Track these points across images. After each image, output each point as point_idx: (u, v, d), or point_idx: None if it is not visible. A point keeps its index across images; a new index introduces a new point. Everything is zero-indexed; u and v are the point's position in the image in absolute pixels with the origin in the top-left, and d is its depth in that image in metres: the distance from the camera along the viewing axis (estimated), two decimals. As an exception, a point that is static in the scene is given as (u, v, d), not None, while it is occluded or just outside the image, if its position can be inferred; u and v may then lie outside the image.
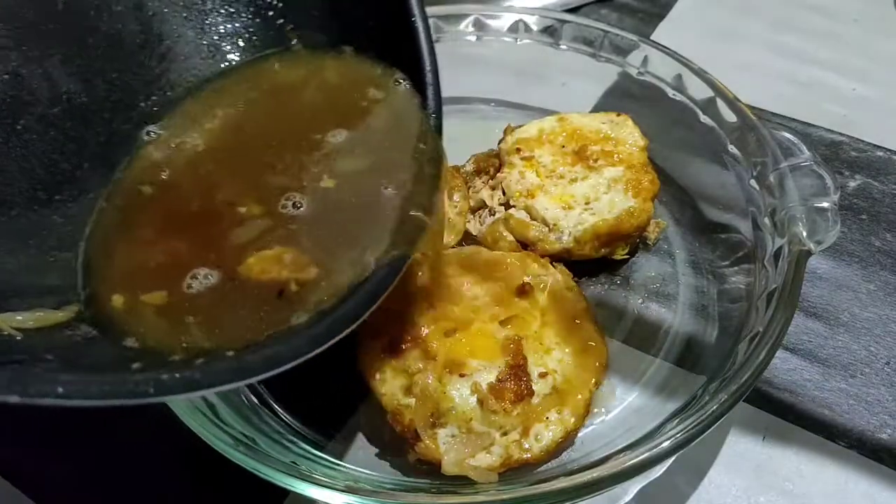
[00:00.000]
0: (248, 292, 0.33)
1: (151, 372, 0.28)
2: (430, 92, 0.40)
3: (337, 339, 0.32)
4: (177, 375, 0.28)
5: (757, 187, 0.49)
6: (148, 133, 0.40)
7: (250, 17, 0.43)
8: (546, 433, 0.42)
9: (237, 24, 0.43)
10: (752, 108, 0.53)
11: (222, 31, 0.43)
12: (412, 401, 0.42)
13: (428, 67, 0.40)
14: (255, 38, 0.43)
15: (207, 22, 0.43)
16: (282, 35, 0.44)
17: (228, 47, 0.43)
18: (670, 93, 0.57)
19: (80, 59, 0.37)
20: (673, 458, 0.38)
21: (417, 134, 0.39)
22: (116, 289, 0.33)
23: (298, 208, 0.37)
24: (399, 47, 0.41)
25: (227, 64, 0.43)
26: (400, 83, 0.41)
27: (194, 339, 0.32)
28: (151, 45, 0.41)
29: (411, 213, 0.36)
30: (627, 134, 0.56)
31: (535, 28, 0.62)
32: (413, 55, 0.40)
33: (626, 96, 0.62)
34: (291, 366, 0.30)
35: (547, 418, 0.42)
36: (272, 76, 0.43)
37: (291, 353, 0.30)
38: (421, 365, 0.43)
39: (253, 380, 0.30)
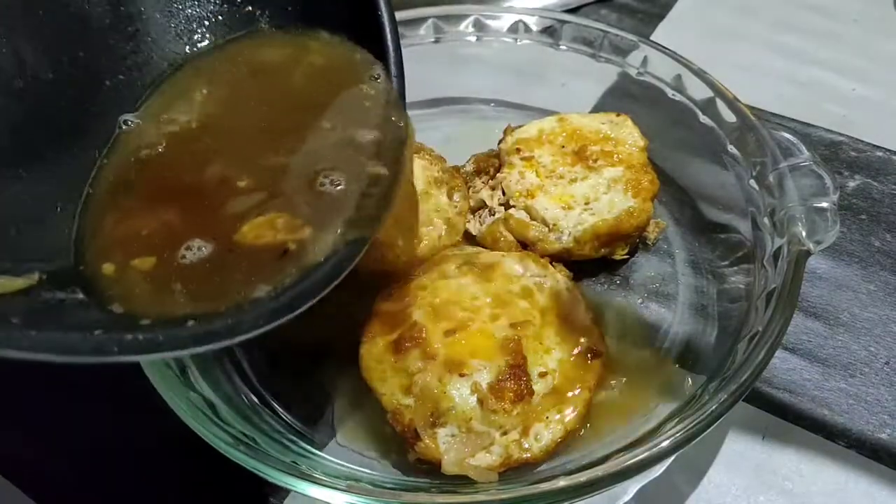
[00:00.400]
0: (244, 259, 0.34)
1: (116, 332, 0.29)
2: (395, 84, 0.41)
3: (297, 312, 0.33)
4: (140, 337, 0.29)
5: (756, 187, 0.49)
6: (126, 122, 0.40)
7: (219, 2, 0.44)
8: (546, 433, 0.42)
9: (206, 10, 0.44)
10: (752, 108, 0.53)
11: (190, 13, 0.44)
12: (412, 401, 0.42)
13: (393, 60, 0.41)
14: (225, 23, 0.44)
15: (177, 5, 0.43)
16: (252, 20, 0.45)
17: (198, 32, 0.44)
18: (670, 93, 0.57)
19: (47, 37, 0.38)
20: (672, 458, 0.38)
21: (388, 123, 0.40)
22: (108, 258, 0.34)
23: (287, 180, 0.38)
24: (366, 39, 0.42)
25: (196, 48, 0.44)
26: (376, 79, 0.42)
27: (176, 305, 0.33)
28: (120, 26, 0.41)
29: (374, 196, 0.37)
30: (627, 134, 0.56)
31: (534, 28, 0.63)
32: (380, 48, 0.42)
33: (626, 96, 0.62)
34: (250, 336, 0.31)
35: (547, 418, 0.42)
36: (251, 56, 0.44)
37: (251, 324, 0.31)
38: (421, 365, 0.43)
39: (214, 346, 0.31)
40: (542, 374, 0.43)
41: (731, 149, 0.53)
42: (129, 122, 0.40)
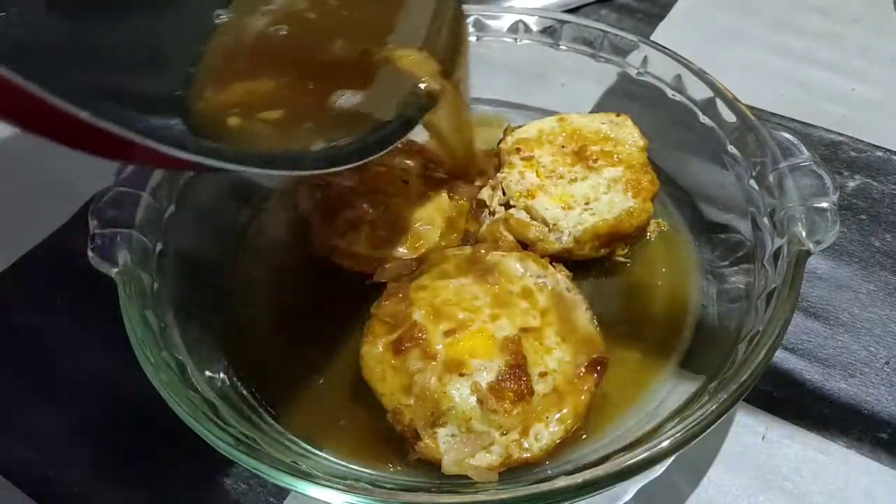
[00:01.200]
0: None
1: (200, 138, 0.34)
2: None
3: (350, 165, 0.38)
4: (217, 146, 0.34)
5: (756, 187, 0.49)
6: (219, 16, 0.43)
7: None
8: (546, 433, 0.42)
9: None
10: (752, 108, 0.53)
11: None
12: (412, 401, 0.42)
13: None
14: None
15: None
16: None
17: None
18: (670, 93, 0.57)
19: None
20: (673, 458, 0.38)
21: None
22: (231, 113, 0.38)
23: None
24: None
25: None
26: None
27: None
28: None
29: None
30: (627, 134, 0.56)
31: (535, 28, 0.63)
32: None
33: (626, 96, 0.62)
34: (307, 174, 0.39)
35: (547, 418, 0.42)
36: None
37: (310, 164, 0.36)
38: (421, 365, 0.43)
39: (271, 172, 0.37)
40: (543, 375, 0.43)
41: (731, 149, 0.53)
42: (222, 16, 0.43)
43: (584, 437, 0.44)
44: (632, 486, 0.43)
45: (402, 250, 0.52)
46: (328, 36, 0.43)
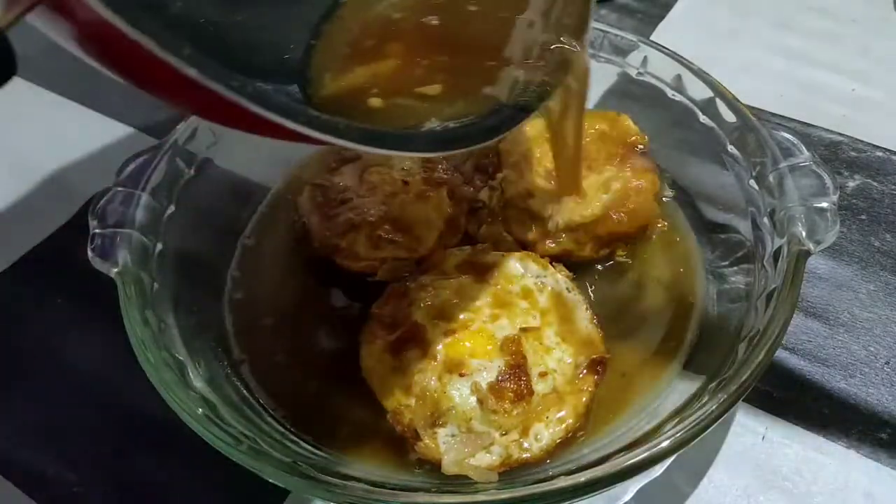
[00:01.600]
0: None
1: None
2: None
3: (456, 151, 0.38)
4: (326, 119, 0.31)
5: (756, 187, 0.49)
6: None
7: None
8: (546, 433, 0.42)
9: None
10: (752, 108, 0.53)
11: None
12: (412, 401, 0.42)
13: None
14: None
15: None
16: None
17: None
18: (670, 93, 0.57)
19: None
20: (672, 458, 0.38)
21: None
22: (374, 94, 0.36)
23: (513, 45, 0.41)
24: None
25: None
26: None
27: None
28: None
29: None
30: (627, 133, 0.56)
31: (534, 28, 0.62)
32: None
33: (626, 96, 0.61)
34: (415, 154, 0.38)
35: (547, 418, 0.42)
36: None
37: (427, 146, 0.36)
38: (421, 365, 0.43)
39: (377, 150, 0.33)
40: (543, 374, 0.43)
41: (731, 149, 0.52)
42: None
43: (583, 436, 0.44)
44: (632, 486, 0.43)
45: (401, 250, 0.52)
46: (459, 16, 0.41)
